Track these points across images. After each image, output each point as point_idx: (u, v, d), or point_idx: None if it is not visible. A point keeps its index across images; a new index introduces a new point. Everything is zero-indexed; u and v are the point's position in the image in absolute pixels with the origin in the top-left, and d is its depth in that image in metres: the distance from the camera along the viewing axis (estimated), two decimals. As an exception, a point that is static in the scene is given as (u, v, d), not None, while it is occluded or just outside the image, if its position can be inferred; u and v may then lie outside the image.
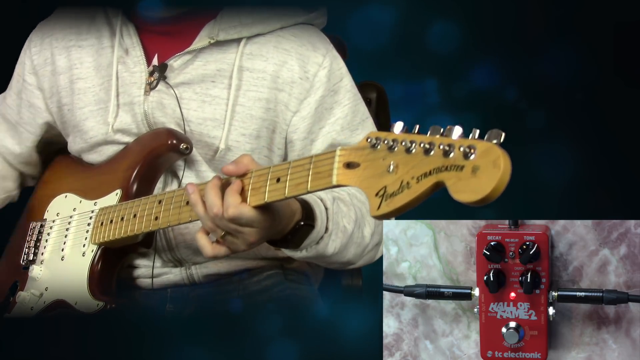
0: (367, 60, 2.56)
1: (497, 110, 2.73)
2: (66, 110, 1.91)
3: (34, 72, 1.95)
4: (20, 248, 1.95)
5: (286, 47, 1.80)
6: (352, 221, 1.68)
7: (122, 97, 1.84)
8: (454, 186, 1.21)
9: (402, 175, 1.26)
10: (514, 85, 2.74)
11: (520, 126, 2.70)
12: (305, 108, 1.79)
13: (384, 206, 1.27)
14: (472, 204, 1.20)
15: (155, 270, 1.86)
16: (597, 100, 2.69)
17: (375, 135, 1.31)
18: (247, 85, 1.79)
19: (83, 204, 1.88)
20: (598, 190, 2.68)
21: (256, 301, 1.87)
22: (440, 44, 2.70)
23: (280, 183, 1.44)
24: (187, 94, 1.80)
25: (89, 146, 1.89)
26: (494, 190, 1.19)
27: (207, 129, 1.79)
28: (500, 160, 1.19)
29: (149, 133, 1.83)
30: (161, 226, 1.67)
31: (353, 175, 1.34)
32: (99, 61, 1.88)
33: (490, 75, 2.77)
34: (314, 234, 1.60)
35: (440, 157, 1.24)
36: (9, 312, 1.87)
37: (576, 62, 2.71)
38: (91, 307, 1.76)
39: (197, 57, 1.81)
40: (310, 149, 1.80)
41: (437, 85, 2.79)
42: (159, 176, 1.83)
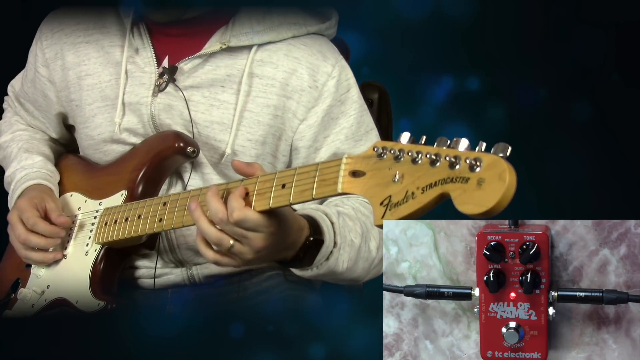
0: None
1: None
2: (74, 105, 1.92)
3: (45, 65, 1.96)
4: (23, 246, 1.94)
5: (297, 55, 1.81)
6: (358, 235, 1.69)
7: (129, 97, 1.85)
8: (459, 198, 1.22)
9: (407, 185, 1.27)
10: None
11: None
12: (312, 116, 1.80)
13: (389, 215, 1.28)
14: (477, 216, 1.21)
15: (158, 271, 1.87)
16: (597, 100, 2.70)
17: (382, 145, 1.32)
18: (256, 92, 1.80)
19: (88, 204, 1.89)
20: (598, 190, 2.69)
21: (256, 302, 1.88)
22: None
23: (285, 189, 1.45)
24: (196, 97, 1.81)
25: (96, 142, 1.89)
26: (499, 203, 1.20)
27: (213, 132, 1.80)
28: (505, 174, 1.20)
29: (156, 135, 1.83)
30: (165, 228, 1.67)
31: (358, 184, 1.34)
32: (107, 58, 1.88)
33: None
34: (324, 249, 1.60)
35: (446, 169, 1.24)
36: (9, 309, 1.88)
37: (576, 62, 2.71)
38: (92, 307, 1.76)
39: (207, 62, 1.82)
40: (315, 157, 1.82)
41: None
42: (165, 178, 1.84)
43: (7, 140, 2.05)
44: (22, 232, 1.82)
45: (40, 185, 1.91)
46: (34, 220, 1.81)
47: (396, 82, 2.38)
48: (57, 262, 1.86)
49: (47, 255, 1.84)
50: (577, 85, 2.71)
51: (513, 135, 2.62)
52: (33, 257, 1.85)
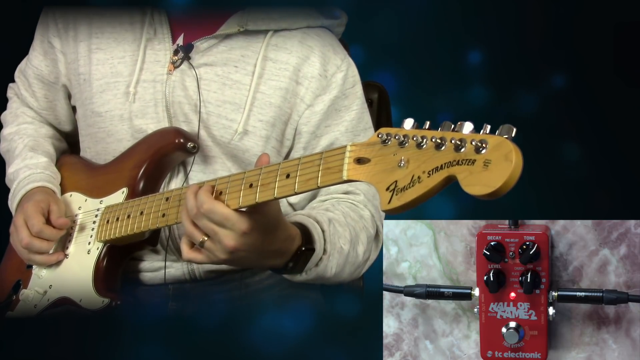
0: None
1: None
2: (82, 79, 1.91)
3: (57, 36, 1.95)
4: (23, 247, 1.94)
5: (310, 44, 1.86)
6: (347, 242, 1.71)
7: (144, 74, 1.85)
8: (466, 180, 1.21)
9: (413, 170, 1.26)
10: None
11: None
12: (319, 104, 1.84)
13: (395, 200, 1.27)
14: (484, 197, 1.20)
15: (156, 264, 1.87)
16: (597, 100, 2.70)
17: (386, 131, 1.32)
18: (268, 75, 1.83)
19: (88, 203, 1.89)
20: (598, 190, 2.69)
21: (257, 299, 1.88)
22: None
23: (289, 179, 1.45)
24: (209, 75, 1.83)
25: (101, 120, 1.88)
26: (506, 183, 1.19)
27: (225, 111, 1.82)
28: (512, 154, 1.19)
29: (156, 132, 1.84)
30: (169, 223, 1.68)
31: (363, 171, 1.34)
32: (123, 34, 1.89)
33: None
34: (314, 257, 1.63)
35: (452, 152, 1.24)
36: (11, 310, 1.88)
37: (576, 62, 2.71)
38: (96, 304, 1.76)
39: (222, 42, 1.86)
40: (315, 145, 1.84)
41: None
42: (166, 175, 1.84)
43: (12, 132, 2.04)
44: (25, 237, 1.82)
45: (44, 188, 1.92)
46: (40, 227, 1.82)
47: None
48: (59, 263, 1.86)
49: (50, 257, 1.85)
50: (577, 85, 2.71)
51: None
52: (36, 260, 1.85)
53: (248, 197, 1.49)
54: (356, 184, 1.81)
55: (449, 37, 2.76)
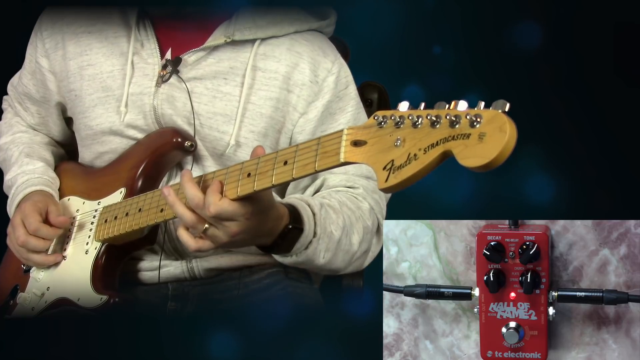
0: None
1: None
2: (74, 95, 1.92)
3: (46, 56, 1.96)
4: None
5: (299, 50, 1.84)
6: (339, 228, 1.70)
7: (132, 88, 1.85)
8: (461, 153, 1.22)
9: (409, 148, 1.27)
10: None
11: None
12: (312, 111, 1.83)
13: (392, 178, 1.28)
14: (479, 168, 1.20)
15: (155, 263, 1.87)
16: (597, 100, 2.70)
17: (382, 114, 1.33)
18: (258, 85, 1.82)
19: (86, 205, 1.89)
20: (598, 190, 2.69)
21: (257, 299, 1.88)
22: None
23: (287, 165, 1.45)
24: (199, 89, 1.83)
25: (94, 133, 1.89)
26: (501, 153, 1.19)
27: (216, 123, 1.82)
28: (506, 126, 1.20)
29: (153, 133, 1.84)
30: (167, 217, 1.67)
31: (360, 152, 1.35)
32: (111, 49, 1.89)
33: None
34: (303, 238, 1.62)
35: (447, 128, 1.24)
36: (9, 314, 1.87)
37: (576, 62, 2.71)
38: (94, 302, 1.76)
39: (210, 54, 1.84)
40: None
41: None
42: (164, 174, 1.85)
43: (7, 142, 2.05)
44: (21, 235, 1.82)
45: (42, 191, 1.92)
46: (37, 225, 1.82)
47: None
48: (57, 264, 1.86)
49: (48, 257, 1.85)
50: (576, 86, 2.71)
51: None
52: (34, 259, 1.85)
53: (246, 186, 1.50)
54: (355, 179, 1.82)
55: (449, 37, 2.76)
